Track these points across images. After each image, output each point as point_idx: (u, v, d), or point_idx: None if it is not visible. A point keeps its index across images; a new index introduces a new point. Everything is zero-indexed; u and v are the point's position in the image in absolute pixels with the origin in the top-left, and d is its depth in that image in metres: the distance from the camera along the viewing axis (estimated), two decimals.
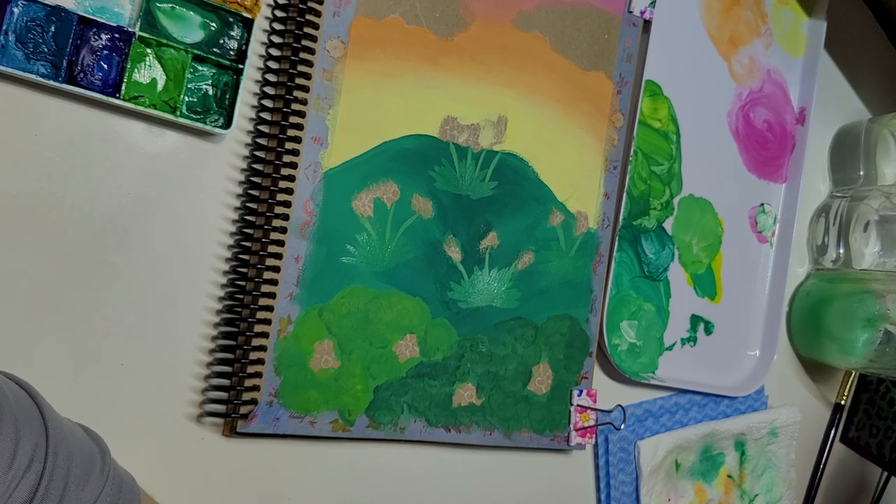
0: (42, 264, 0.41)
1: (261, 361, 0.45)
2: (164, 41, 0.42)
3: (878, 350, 0.66)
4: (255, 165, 0.46)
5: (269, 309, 0.45)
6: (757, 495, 0.69)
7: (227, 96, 0.44)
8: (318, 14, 0.47)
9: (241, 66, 0.44)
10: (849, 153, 0.75)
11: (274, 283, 0.45)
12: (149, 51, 0.42)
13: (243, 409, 0.44)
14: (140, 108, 0.42)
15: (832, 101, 0.77)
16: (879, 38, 0.82)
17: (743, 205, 0.69)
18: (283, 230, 0.45)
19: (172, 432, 0.44)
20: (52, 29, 0.40)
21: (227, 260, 0.46)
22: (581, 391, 0.58)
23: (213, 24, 0.44)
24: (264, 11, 0.46)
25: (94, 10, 0.41)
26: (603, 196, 0.59)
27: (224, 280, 0.46)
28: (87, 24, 0.41)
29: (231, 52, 0.44)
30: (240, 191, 0.46)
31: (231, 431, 0.45)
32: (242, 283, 0.45)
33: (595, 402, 0.59)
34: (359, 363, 0.48)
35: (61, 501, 0.32)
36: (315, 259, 0.47)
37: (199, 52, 0.43)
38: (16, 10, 0.39)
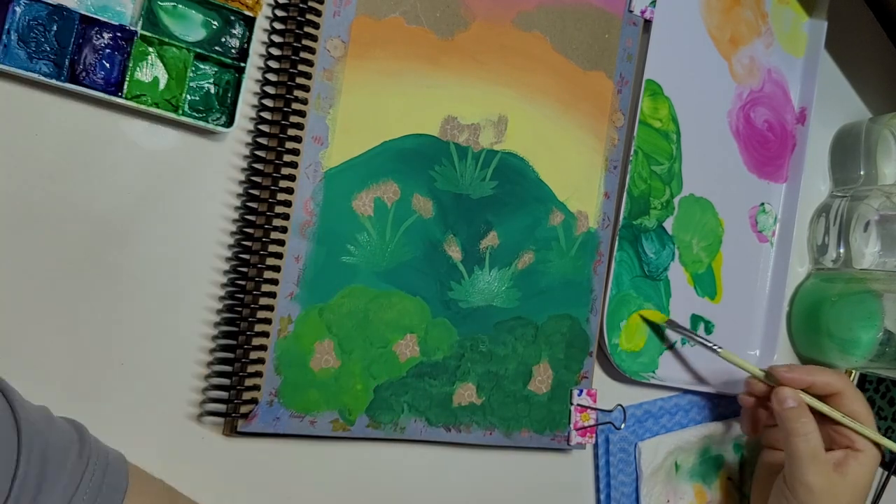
0: (42, 264, 0.41)
1: (261, 361, 0.45)
2: (166, 40, 0.42)
3: (879, 350, 0.66)
4: (255, 165, 0.46)
5: (270, 308, 0.45)
6: None
7: (229, 94, 0.44)
8: (318, 14, 0.47)
9: (242, 64, 0.44)
10: (849, 153, 0.75)
11: (274, 282, 0.45)
12: (151, 49, 0.42)
13: (243, 409, 0.44)
14: (142, 106, 0.42)
15: (833, 100, 0.77)
16: (880, 37, 0.82)
17: (743, 204, 0.69)
18: (284, 230, 0.45)
19: (172, 432, 0.44)
20: (55, 28, 0.40)
21: (228, 259, 0.46)
22: (581, 391, 0.58)
23: (215, 23, 0.44)
24: (265, 11, 0.46)
25: (95, 9, 0.41)
26: (603, 196, 0.59)
27: (224, 280, 0.46)
28: (89, 23, 0.41)
29: (233, 51, 0.45)
30: (240, 190, 0.46)
31: (231, 431, 0.45)
32: (243, 282, 0.45)
33: (595, 401, 0.59)
34: (359, 363, 0.48)
35: (38, 493, 0.31)
36: (315, 259, 0.47)
37: (200, 51, 0.43)
38: (18, 9, 0.39)
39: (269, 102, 0.46)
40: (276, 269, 0.45)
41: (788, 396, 0.57)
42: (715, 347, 0.61)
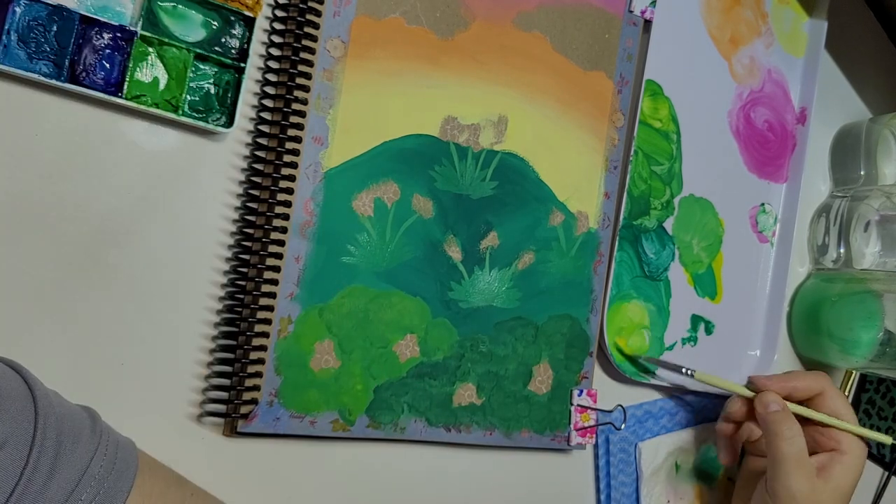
0: (42, 264, 0.41)
1: (261, 361, 0.45)
2: (166, 40, 0.42)
3: (879, 350, 0.66)
4: (255, 165, 0.46)
5: (270, 309, 0.45)
6: None
7: (229, 95, 0.44)
8: (318, 14, 0.47)
9: (242, 64, 0.44)
10: (849, 153, 0.75)
11: (274, 282, 0.45)
12: (151, 50, 0.42)
13: (243, 409, 0.44)
14: (142, 107, 0.42)
15: (833, 100, 0.77)
16: (880, 37, 0.82)
17: (743, 204, 0.69)
18: (284, 230, 0.45)
19: (172, 432, 0.44)
20: (55, 28, 0.40)
21: (228, 260, 0.46)
22: (581, 391, 0.58)
23: (215, 23, 0.44)
24: (265, 11, 0.46)
25: (95, 10, 0.41)
26: (603, 196, 0.59)
27: (224, 280, 0.46)
28: (89, 23, 0.41)
29: (233, 51, 0.45)
30: (240, 190, 0.46)
31: (231, 431, 0.45)
32: (243, 282, 0.45)
33: (595, 401, 0.59)
34: (359, 363, 0.48)
35: (54, 467, 0.32)
36: (315, 259, 0.47)
37: (200, 51, 0.43)
38: (18, 9, 0.39)
39: (268, 103, 0.46)
40: (276, 269, 0.45)
41: (772, 400, 0.56)
42: (688, 373, 0.58)
